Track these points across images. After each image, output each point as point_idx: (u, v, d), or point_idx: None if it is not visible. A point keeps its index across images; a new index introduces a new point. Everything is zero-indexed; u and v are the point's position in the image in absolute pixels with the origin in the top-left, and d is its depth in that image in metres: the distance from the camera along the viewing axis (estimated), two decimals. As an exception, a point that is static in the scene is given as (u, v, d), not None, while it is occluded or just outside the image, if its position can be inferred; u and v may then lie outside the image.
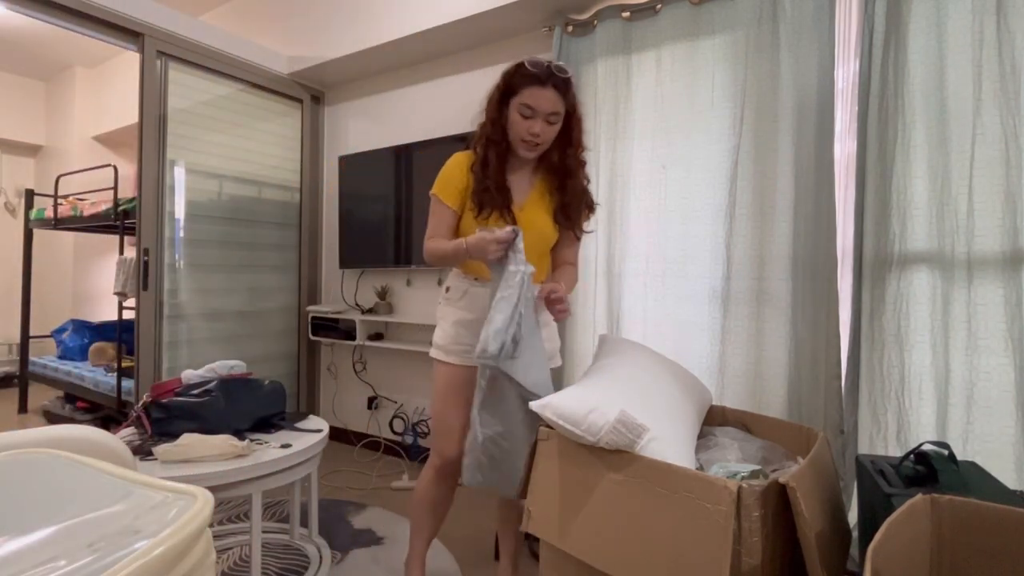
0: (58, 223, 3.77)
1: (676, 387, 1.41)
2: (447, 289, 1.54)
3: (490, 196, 1.40)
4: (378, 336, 2.99)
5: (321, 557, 1.88)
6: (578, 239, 1.54)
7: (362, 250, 3.06)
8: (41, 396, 4.02)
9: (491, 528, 1.64)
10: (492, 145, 1.41)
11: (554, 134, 1.39)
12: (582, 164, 1.47)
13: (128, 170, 4.42)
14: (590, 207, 1.52)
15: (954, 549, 0.95)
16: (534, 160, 1.47)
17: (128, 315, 3.11)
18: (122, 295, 3.37)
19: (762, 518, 0.98)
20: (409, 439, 2.92)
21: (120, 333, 3.24)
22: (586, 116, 1.52)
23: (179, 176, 2.69)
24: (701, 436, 1.54)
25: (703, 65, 2.01)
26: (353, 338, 2.94)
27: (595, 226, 1.73)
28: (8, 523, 0.59)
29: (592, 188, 1.56)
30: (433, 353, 1.53)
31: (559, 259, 1.56)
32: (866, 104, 1.69)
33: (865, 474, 1.26)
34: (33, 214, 3.97)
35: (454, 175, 1.46)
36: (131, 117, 3.37)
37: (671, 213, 2.08)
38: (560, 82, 1.33)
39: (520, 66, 1.36)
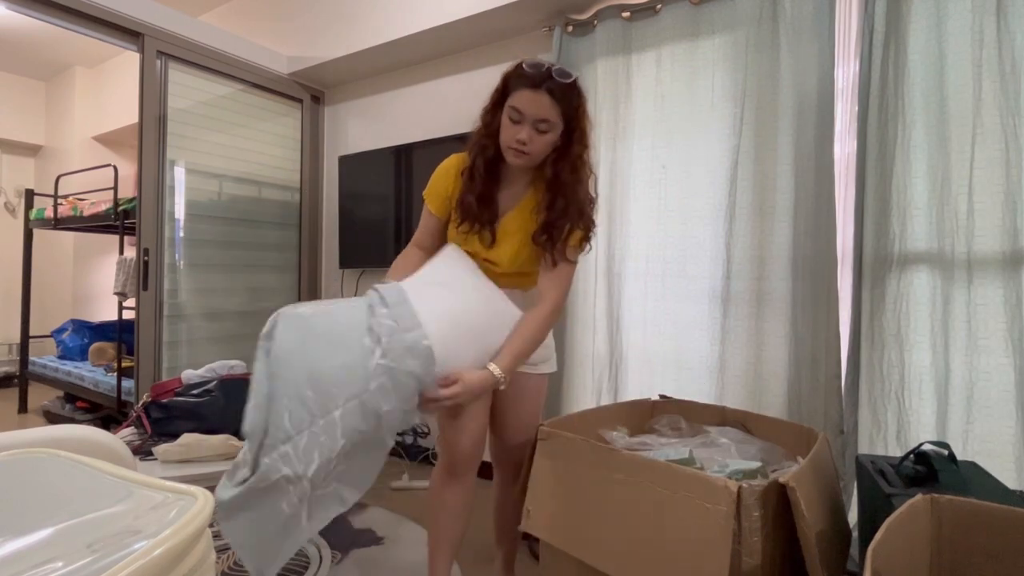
0: (58, 223, 3.77)
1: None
2: None
3: (472, 210, 1.30)
4: (378, 336, 2.98)
5: (321, 557, 1.88)
6: (555, 265, 1.30)
7: (362, 250, 3.06)
8: (41, 396, 4.02)
9: (491, 528, 1.64)
10: (482, 152, 1.30)
11: (546, 145, 1.24)
12: (578, 181, 1.28)
13: (128, 170, 4.42)
14: (586, 231, 1.30)
15: (954, 549, 0.95)
16: (531, 171, 1.33)
17: (128, 315, 3.11)
18: (122, 295, 3.37)
19: (762, 518, 0.98)
20: (409, 439, 2.92)
21: (120, 333, 3.24)
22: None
23: (179, 176, 2.69)
24: (701, 436, 1.54)
25: (703, 65, 2.01)
26: (353, 338, 2.94)
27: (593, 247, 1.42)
28: (7, 523, 0.59)
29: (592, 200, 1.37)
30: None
31: (538, 288, 1.35)
32: (866, 104, 1.69)
33: (865, 474, 1.26)
34: (33, 214, 3.97)
35: (440, 180, 1.38)
36: (131, 117, 3.37)
37: (671, 213, 2.08)
38: (556, 87, 1.18)
39: (518, 66, 1.23)
